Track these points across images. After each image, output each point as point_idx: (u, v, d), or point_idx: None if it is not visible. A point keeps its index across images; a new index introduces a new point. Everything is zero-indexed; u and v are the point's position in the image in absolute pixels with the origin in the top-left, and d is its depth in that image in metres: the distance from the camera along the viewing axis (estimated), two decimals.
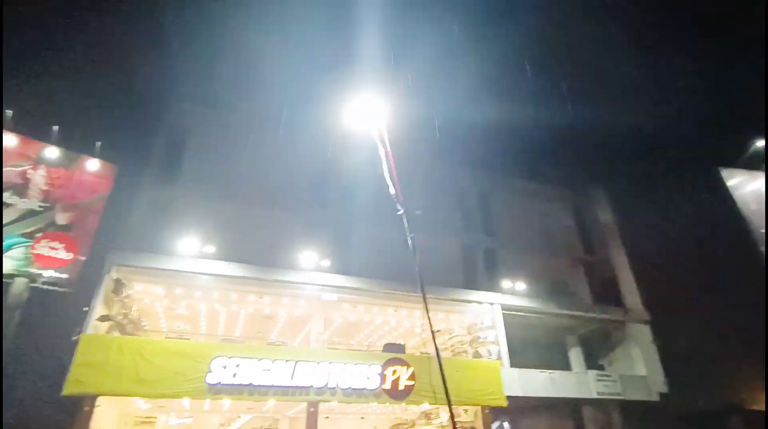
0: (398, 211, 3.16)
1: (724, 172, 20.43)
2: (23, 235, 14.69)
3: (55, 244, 14.94)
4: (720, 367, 25.47)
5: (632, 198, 28.59)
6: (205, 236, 15.77)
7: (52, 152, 15.83)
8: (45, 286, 14.34)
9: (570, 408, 21.18)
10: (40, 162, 15.63)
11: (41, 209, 15.22)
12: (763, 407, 24.45)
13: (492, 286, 20.10)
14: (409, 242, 3.14)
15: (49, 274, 14.45)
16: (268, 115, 21.06)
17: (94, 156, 16.57)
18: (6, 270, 13.93)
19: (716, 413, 22.39)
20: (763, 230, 18.36)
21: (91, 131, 17.92)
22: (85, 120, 20.12)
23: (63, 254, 14.86)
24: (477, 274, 21.50)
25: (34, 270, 14.29)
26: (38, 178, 15.57)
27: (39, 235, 14.79)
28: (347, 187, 20.49)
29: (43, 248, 14.73)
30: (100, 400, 12.92)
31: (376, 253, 18.04)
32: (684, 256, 27.44)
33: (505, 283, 20.18)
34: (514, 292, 19.89)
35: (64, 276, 14.64)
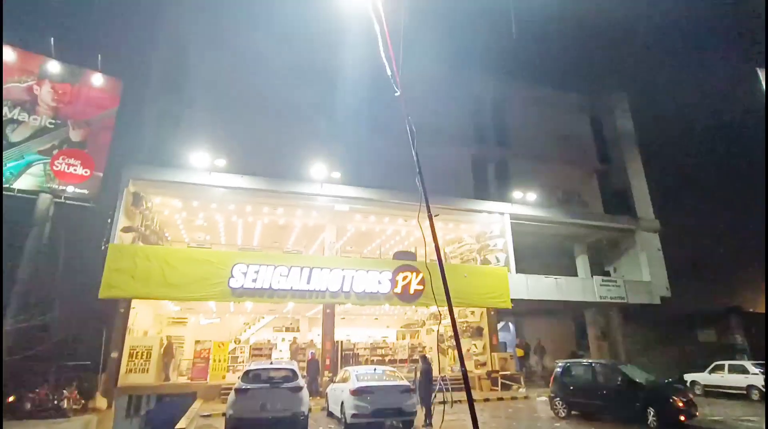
0: (395, 92, 3.03)
1: (762, 73, 19.01)
2: (40, 152, 14.96)
3: (72, 160, 15.24)
4: (722, 273, 26.17)
5: (656, 103, 27.18)
6: (216, 149, 15.81)
7: (53, 66, 15.47)
8: (69, 202, 14.92)
9: (572, 310, 22.41)
10: (43, 76, 15.35)
11: (52, 126, 15.31)
12: (760, 310, 25.48)
13: (502, 196, 20.18)
14: (407, 128, 3.07)
15: (71, 189, 14.96)
16: (275, 22, 19.79)
17: (97, 70, 16.18)
18: (28, 186, 14.45)
19: (715, 315, 23.39)
20: None
21: (90, 44, 17.29)
22: (83, 32, 19.31)
23: (81, 170, 15.22)
24: (488, 184, 21.49)
25: (55, 186, 14.77)
26: (45, 94, 15.43)
27: (55, 152, 15.05)
28: (358, 99, 19.86)
29: (62, 165, 15.07)
30: (135, 303, 14.16)
31: (387, 164, 17.94)
32: (701, 164, 26.78)
33: (516, 194, 20.19)
34: (525, 202, 19.97)
35: (85, 191, 15.14)
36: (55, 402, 11.12)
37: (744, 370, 15.04)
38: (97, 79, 16.08)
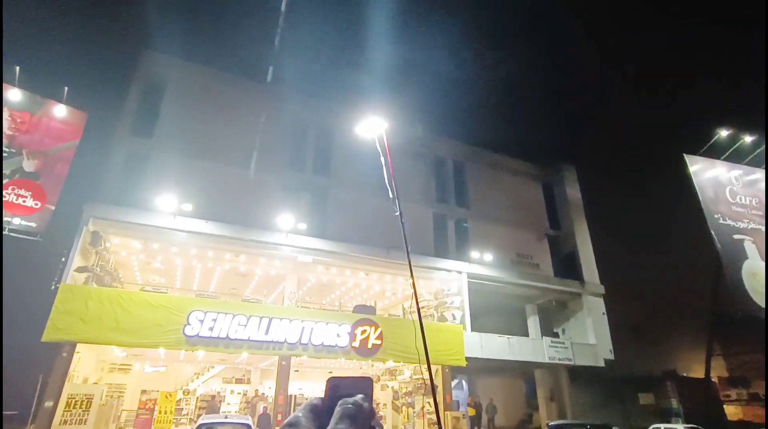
0: (395, 212, 3.61)
1: (689, 158, 21.51)
2: None
3: (22, 191, 14.67)
4: (660, 339, 28.04)
5: (599, 178, 29.87)
6: (182, 193, 15.73)
7: (14, 95, 15.15)
8: (12, 234, 14.14)
9: (523, 370, 22.96)
10: (2, 104, 15.00)
11: (6, 154, 14.79)
12: (692, 374, 27.25)
13: (461, 256, 21.01)
14: (405, 244, 3.58)
15: (17, 221, 14.24)
16: (249, 72, 20.56)
17: (62, 102, 15.97)
18: None
19: (653, 378, 24.77)
20: (717, 215, 19.65)
21: (58, 76, 17.21)
22: (52, 63, 19.17)
23: (31, 202, 14.64)
24: (448, 243, 22.35)
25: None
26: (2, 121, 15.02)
27: (5, 181, 14.44)
28: (325, 152, 20.60)
29: (10, 196, 14.44)
30: (80, 348, 13.26)
31: (352, 218, 18.49)
32: (641, 235, 29.33)
33: (474, 253, 21.10)
34: (482, 262, 20.86)
35: (32, 224, 14.47)
36: None
37: None
38: (60, 111, 15.87)
